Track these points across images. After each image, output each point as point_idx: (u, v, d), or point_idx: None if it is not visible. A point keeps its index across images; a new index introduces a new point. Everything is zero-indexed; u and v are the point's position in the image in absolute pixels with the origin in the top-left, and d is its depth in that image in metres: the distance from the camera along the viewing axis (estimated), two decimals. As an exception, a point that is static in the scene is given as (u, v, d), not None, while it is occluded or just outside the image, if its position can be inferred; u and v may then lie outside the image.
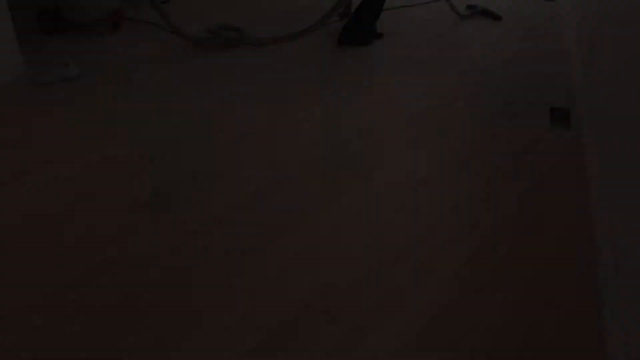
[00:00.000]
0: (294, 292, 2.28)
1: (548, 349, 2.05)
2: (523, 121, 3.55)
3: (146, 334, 2.08)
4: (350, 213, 2.71)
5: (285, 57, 4.37)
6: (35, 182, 2.91)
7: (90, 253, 2.46)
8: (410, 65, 4.27)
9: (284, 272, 2.37)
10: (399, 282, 2.33)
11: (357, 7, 4.63)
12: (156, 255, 2.45)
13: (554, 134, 3.41)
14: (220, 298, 2.25)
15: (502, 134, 3.40)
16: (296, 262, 2.43)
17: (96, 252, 2.46)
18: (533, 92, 3.91)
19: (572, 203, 2.82)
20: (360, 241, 2.54)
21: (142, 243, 2.52)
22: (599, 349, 2.06)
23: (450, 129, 3.45)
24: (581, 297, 2.28)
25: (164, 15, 4.38)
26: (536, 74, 4.18)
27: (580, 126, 3.47)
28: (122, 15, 4.78)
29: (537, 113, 3.65)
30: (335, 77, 4.07)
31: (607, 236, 2.42)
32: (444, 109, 3.68)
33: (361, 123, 3.49)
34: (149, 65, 4.20)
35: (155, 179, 2.93)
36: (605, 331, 2.12)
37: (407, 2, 5.61)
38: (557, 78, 4.13)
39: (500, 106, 3.72)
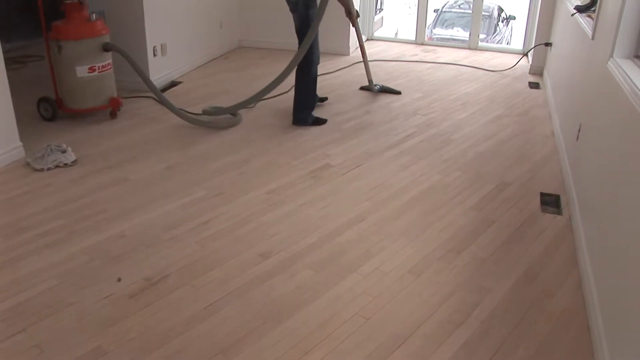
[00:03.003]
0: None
1: None
2: (514, 206, 3.59)
3: None
4: (341, 302, 2.70)
5: (265, 142, 4.46)
6: (27, 263, 2.90)
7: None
8: (399, 152, 4.35)
9: (276, 360, 2.35)
10: (393, 371, 2.30)
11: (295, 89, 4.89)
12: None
13: (544, 219, 3.45)
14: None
15: (493, 219, 3.43)
16: (288, 354, 2.40)
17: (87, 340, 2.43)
18: (523, 177, 3.98)
19: (565, 292, 2.82)
20: (352, 332, 2.52)
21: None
22: None
23: (441, 215, 3.48)
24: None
25: (164, 101, 4.54)
26: (526, 159, 4.26)
27: (570, 211, 3.51)
28: (120, 104, 4.89)
29: (528, 198, 3.70)
30: (319, 163, 4.14)
31: (599, 322, 2.42)
32: (435, 194, 3.73)
33: (351, 211, 3.53)
34: (145, 154, 4.27)
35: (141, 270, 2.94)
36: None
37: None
38: (546, 162, 4.21)
39: (491, 191, 3.77)
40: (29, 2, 5.98)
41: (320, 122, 4.94)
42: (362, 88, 5.88)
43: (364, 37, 7.73)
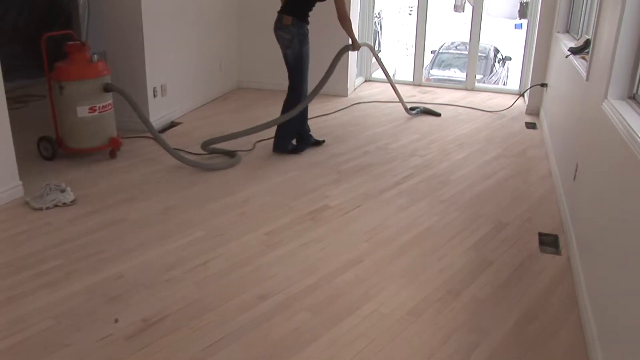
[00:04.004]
0: None
1: None
2: (512, 246, 3.59)
3: None
4: (340, 344, 2.68)
5: (264, 183, 4.48)
6: (28, 303, 2.89)
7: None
8: (397, 193, 4.37)
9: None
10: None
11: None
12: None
13: (543, 260, 3.45)
14: None
15: (492, 260, 3.43)
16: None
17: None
18: (521, 217, 3.99)
19: (566, 333, 2.80)
20: (352, 370, 2.50)
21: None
22: None
23: (440, 256, 3.48)
24: None
25: (162, 143, 4.59)
26: (523, 199, 4.28)
27: (569, 251, 3.51)
28: (120, 144, 4.92)
29: (526, 238, 3.70)
30: (318, 204, 4.16)
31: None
32: (434, 235, 3.73)
33: (350, 252, 3.53)
34: (144, 194, 4.28)
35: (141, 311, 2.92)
36: None
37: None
38: (543, 202, 4.22)
39: (489, 231, 3.78)
40: (31, 42, 6.06)
41: (297, 150, 5.14)
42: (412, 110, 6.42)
43: (361, 79, 7.86)
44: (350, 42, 5.18)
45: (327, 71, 5.07)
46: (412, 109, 6.29)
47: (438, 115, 6.34)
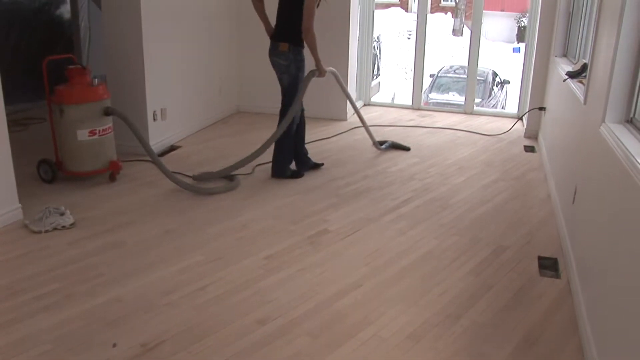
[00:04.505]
0: None
1: None
2: (512, 270, 3.58)
3: None
4: (341, 366, 2.67)
5: (263, 207, 4.49)
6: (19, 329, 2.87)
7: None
8: (396, 216, 4.37)
9: None
10: None
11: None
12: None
13: (543, 283, 3.44)
14: None
15: (491, 284, 3.42)
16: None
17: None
18: (520, 241, 3.98)
19: (566, 357, 2.79)
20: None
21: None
22: None
23: (440, 280, 3.47)
24: None
25: (161, 167, 4.61)
26: (523, 222, 4.28)
27: (569, 274, 3.50)
28: (120, 167, 4.93)
29: (526, 262, 3.69)
30: (317, 228, 4.16)
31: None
32: (434, 259, 3.73)
33: (349, 276, 3.51)
34: (143, 218, 4.28)
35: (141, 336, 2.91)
36: None
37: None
38: (543, 226, 4.22)
39: (489, 255, 3.77)
40: (32, 65, 6.10)
41: (296, 175, 5.13)
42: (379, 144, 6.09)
43: (360, 103, 7.88)
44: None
45: (295, 100, 4.90)
46: (380, 143, 6.12)
47: (407, 149, 6.07)
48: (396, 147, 6.11)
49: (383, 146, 6.06)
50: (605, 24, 3.41)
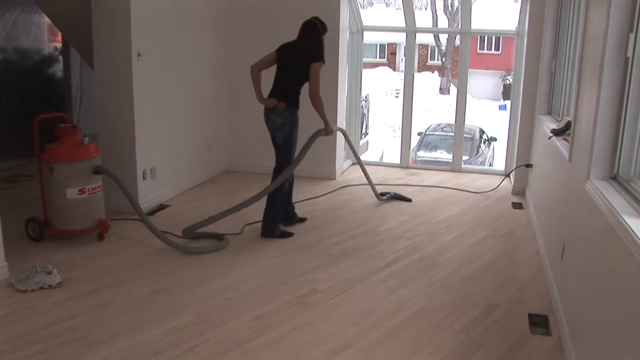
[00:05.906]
0: None
1: None
2: (502, 328, 3.56)
3: None
4: None
5: (252, 267, 4.47)
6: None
7: None
8: (386, 275, 4.36)
9: None
10: None
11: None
12: None
13: (533, 341, 3.42)
14: None
15: (482, 342, 3.39)
16: None
17: None
18: (510, 298, 3.97)
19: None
20: None
21: None
22: None
23: (430, 340, 3.44)
24: None
25: (150, 226, 4.60)
26: (512, 280, 4.28)
27: (560, 331, 3.48)
28: (108, 226, 4.91)
29: (516, 319, 3.68)
30: (306, 288, 4.13)
31: None
32: (424, 318, 3.70)
33: (339, 337, 3.48)
34: (131, 277, 4.23)
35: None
36: None
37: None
38: (532, 283, 4.22)
39: (479, 313, 3.75)
40: (23, 123, 6.13)
41: (286, 235, 5.10)
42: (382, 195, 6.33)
43: (348, 162, 7.93)
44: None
45: (299, 154, 5.05)
46: (382, 194, 6.26)
47: (409, 200, 6.29)
48: (398, 198, 6.35)
49: (385, 197, 6.27)
50: (586, 81, 3.48)
